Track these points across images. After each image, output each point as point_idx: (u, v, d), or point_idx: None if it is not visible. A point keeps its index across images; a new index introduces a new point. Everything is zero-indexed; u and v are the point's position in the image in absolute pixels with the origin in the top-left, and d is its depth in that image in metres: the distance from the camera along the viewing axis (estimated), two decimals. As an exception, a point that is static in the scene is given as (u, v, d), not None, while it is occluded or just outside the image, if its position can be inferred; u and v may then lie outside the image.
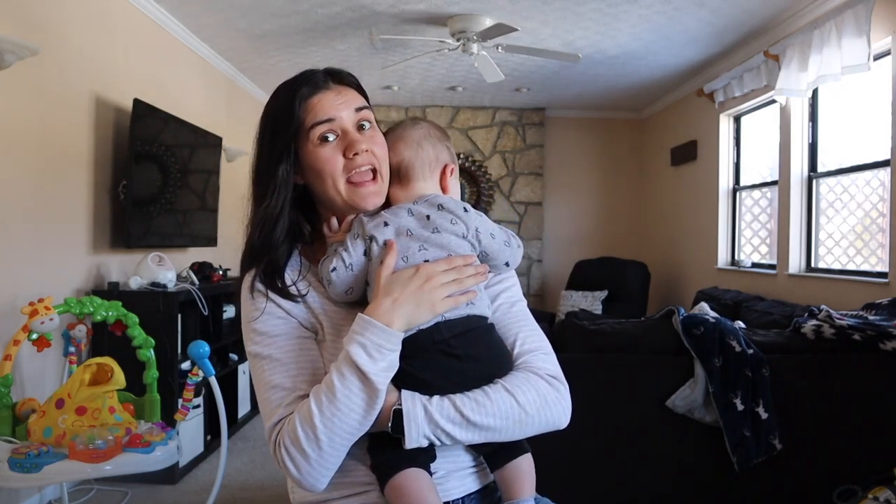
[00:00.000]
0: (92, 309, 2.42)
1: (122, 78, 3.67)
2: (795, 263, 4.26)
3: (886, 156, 3.45)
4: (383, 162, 1.10)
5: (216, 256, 4.65)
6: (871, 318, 2.54)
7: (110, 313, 2.49)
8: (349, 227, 1.10)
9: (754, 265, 4.98)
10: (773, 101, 4.53)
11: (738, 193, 5.31)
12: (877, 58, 3.47)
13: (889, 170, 3.42)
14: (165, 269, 3.45)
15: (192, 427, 3.42)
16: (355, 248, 1.06)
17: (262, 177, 1.10)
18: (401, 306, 0.98)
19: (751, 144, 5.20)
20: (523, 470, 1.06)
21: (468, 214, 1.09)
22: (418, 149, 1.13)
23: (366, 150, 1.07)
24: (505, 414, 0.99)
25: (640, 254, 6.87)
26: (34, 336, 2.28)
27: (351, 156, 1.07)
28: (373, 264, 1.05)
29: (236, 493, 3.15)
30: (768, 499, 2.39)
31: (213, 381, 2.50)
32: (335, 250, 1.07)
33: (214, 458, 3.63)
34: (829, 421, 2.40)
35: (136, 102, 3.50)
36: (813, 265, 4.21)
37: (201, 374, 2.45)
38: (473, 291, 1.04)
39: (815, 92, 4.15)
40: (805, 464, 2.39)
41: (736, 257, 5.33)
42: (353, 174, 1.07)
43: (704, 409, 2.35)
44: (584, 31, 4.41)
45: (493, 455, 1.06)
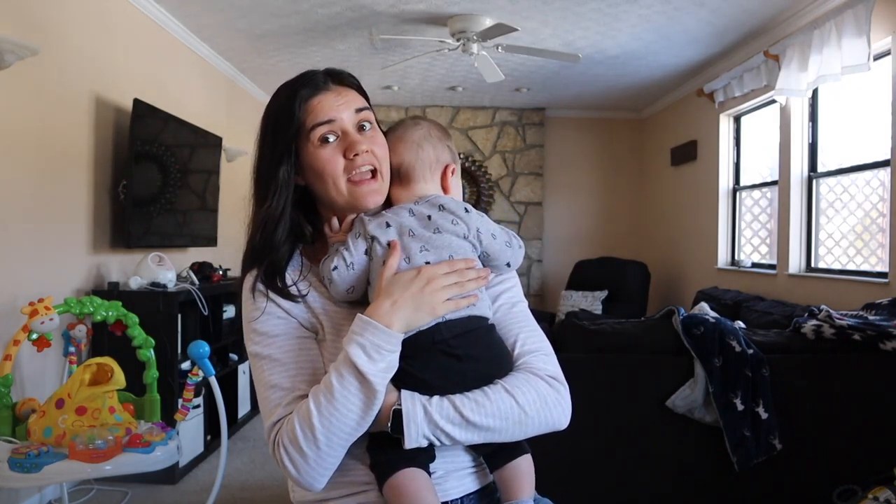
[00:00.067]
0: (92, 309, 2.42)
1: (122, 78, 3.67)
2: (795, 263, 4.26)
3: (886, 156, 3.45)
4: (384, 162, 1.10)
5: (216, 256, 4.65)
6: (871, 318, 2.54)
7: (110, 313, 2.49)
8: (350, 227, 1.10)
9: (754, 265, 4.98)
10: (773, 101, 4.52)
11: (738, 193, 5.31)
12: (877, 58, 3.47)
13: (889, 170, 3.42)
14: (165, 269, 3.45)
15: (192, 427, 3.42)
16: (357, 248, 1.06)
17: (263, 178, 1.10)
18: (401, 308, 0.98)
19: (751, 144, 5.20)
20: (523, 470, 1.05)
21: (469, 215, 1.09)
22: (418, 150, 1.13)
23: (366, 151, 1.07)
24: (504, 415, 0.99)
25: (640, 254, 6.87)
26: (34, 336, 2.28)
27: (351, 156, 1.07)
28: (374, 264, 1.05)
29: (236, 493, 3.15)
30: (768, 499, 2.39)
31: (213, 381, 2.50)
32: (336, 250, 1.08)
33: (214, 458, 3.63)
34: (829, 421, 2.40)
35: (136, 102, 3.50)
36: (813, 265, 4.21)
37: (201, 374, 2.45)
38: (475, 295, 1.04)
39: (815, 92, 4.15)
40: (805, 464, 2.39)
41: (736, 257, 5.33)
42: (354, 174, 1.07)
43: (704, 409, 2.35)
44: (584, 31, 4.41)
45: (492, 455, 1.06)
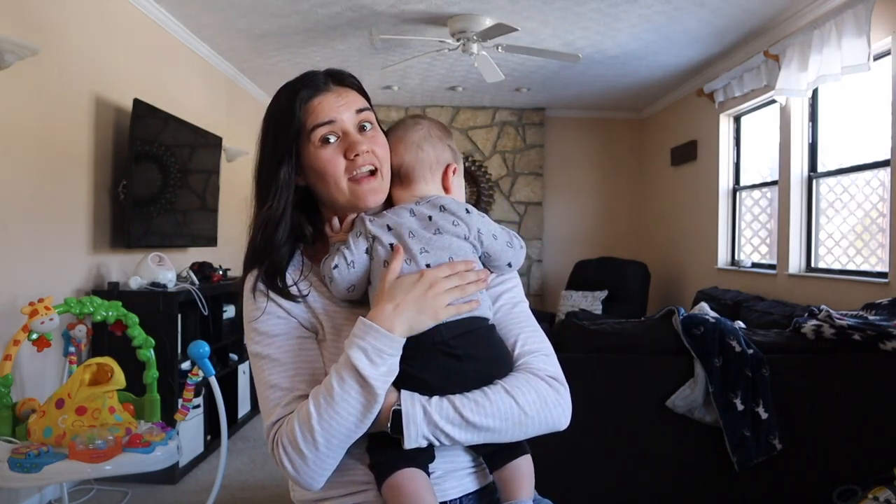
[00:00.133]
0: (92, 309, 2.42)
1: (122, 78, 3.67)
2: (795, 263, 4.26)
3: (886, 156, 3.45)
4: (384, 162, 1.11)
5: (216, 256, 4.65)
6: (871, 318, 2.54)
7: (110, 313, 2.49)
8: (350, 227, 1.10)
9: (754, 265, 4.98)
10: (773, 101, 4.52)
11: (738, 193, 5.31)
12: (877, 58, 3.47)
13: (889, 170, 3.42)
14: (165, 269, 3.45)
15: (192, 427, 3.42)
16: (357, 247, 1.06)
17: (264, 179, 1.11)
18: (403, 312, 0.98)
19: (751, 144, 5.19)
20: (522, 470, 1.05)
21: (470, 216, 1.09)
22: (418, 151, 1.13)
23: (366, 151, 1.08)
24: (504, 415, 0.99)
25: (640, 254, 6.87)
26: (34, 336, 2.28)
27: (352, 157, 1.07)
28: (375, 263, 1.05)
29: (236, 493, 3.15)
30: (768, 499, 2.39)
31: (213, 381, 2.50)
32: (338, 249, 1.08)
33: (214, 458, 3.63)
34: (829, 421, 2.40)
35: (136, 102, 3.50)
36: (813, 265, 4.20)
37: (201, 374, 2.45)
38: (476, 300, 1.04)
39: (815, 92, 4.15)
40: (805, 464, 2.39)
41: (736, 257, 5.33)
42: (355, 174, 1.08)
43: (704, 409, 2.35)
44: (584, 31, 4.41)
45: (492, 456, 1.06)
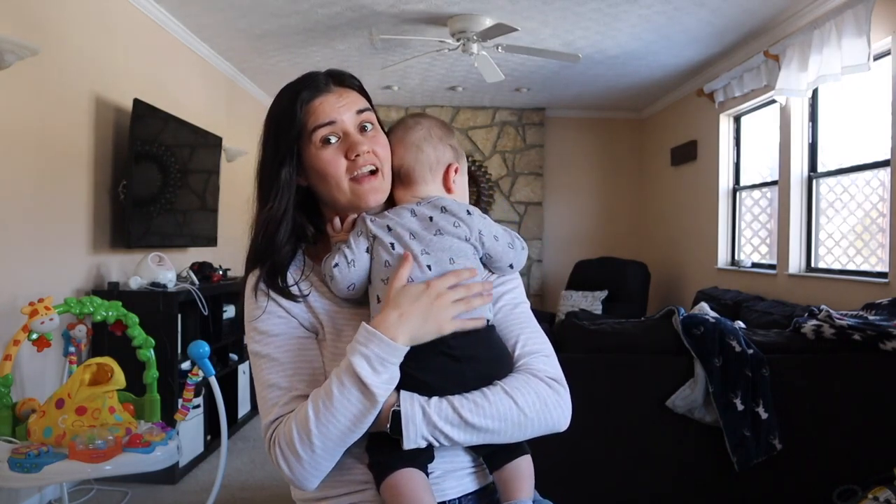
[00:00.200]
0: (92, 309, 2.42)
1: (122, 78, 3.67)
2: (795, 263, 4.26)
3: (886, 156, 3.45)
4: (385, 162, 1.11)
5: (216, 256, 4.65)
6: (871, 318, 2.54)
7: (110, 313, 2.49)
8: (352, 227, 1.10)
9: (754, 265, 4.98)
10: (773, 101, 4.52)
11: (738, 193, 5.31)
12: (877, 58, 3.47)
13: (889, 170, 3.42)
14: (165, 269, 3.45)
15: (192, 427, 3.42)
16: (358, 246, 1.06)
17: (266, 179, 1.11)
18: (407, 322, 0.98)
19: (751, 144, 5.19)
20: (522, 471, 1.05)
21: (471, 217, 1.09)
22: (418, 152, 1.13)
23: (367, 151, 1.08)
24: (503, 416, 0.99)
25: (640, 254, 6.86)
26: (34, 336, 2.28)
27: (353, 157, 1.07)
28: (375, 263, 1.05)
29: (236, 493, 3.15)
30: (768, 499, 2.39)
31: (213, 381, 2.50)
32: (339, 248, 1.08)
33: (214, 458, 3.63)
34: (829, 421, 2.40)
35: (136, 102, 3.50)
36: (813, 265, 4.20)
37: (201, 374, 2.45)
38: (482, 318, 1.04)
39: (815, 92, 4.15)
40: (805, 464, 2.39)
41: (736, 257, 5.33)
42: (356, 174, 1.08)
43: (704, 409, 2.35)
44: (584, 31, 4.41)
45: (492, 456, 1.06)
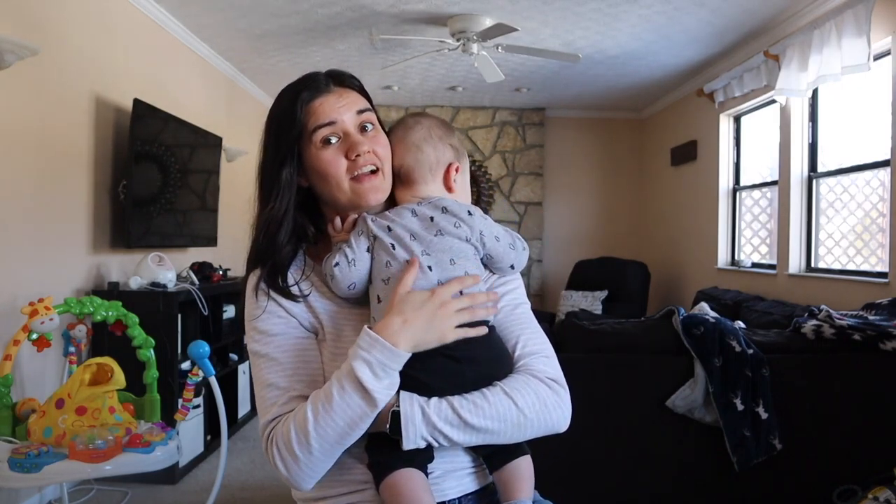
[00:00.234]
0: (92, 309, 2.42)
1: (122, 78, 3.67)
2: (795, 263, 4.26)
3: (886, 156, 3.45)
4: (386, 161, 1.11)
5: (216, 256, 4.65)
6: (871, 318, 2.54)
7: (110, 313, 2.49)
8: (352, 226, 1.10)
9: (754, 265, 4.98)
10: (773, 101, 4.52)
11: (738, 193, 5.31)
12: (877, 58, 3.47)
13: (889, 170, 3.42)
14: (165, 269, 3.45)
15: (192, 427, 3.42)
16: (359, 245, 1.06)
17: (267, 180, 1.11)
18: (410, 329, 0.98)
19: (751, 144, 5.19)
20: (522, 471, 1.06)
21: (473, 218, 1.09)
22: (418, 152, 1.13)
23: (367, 151, 1.08)
24: (503, 417, 1.00)
25: (640, 254, 6.86)
26: (34, 336, 2.28)
27: (353, 157, 1.07)
28: (376, 262, 1.06)
29: (236, 493, 3.15)
30: (768, 499, 2.39)
31: (213, 381, 2.50)
32: (339, 248, 1.08)
33: (214, 458, 3.63)
34: (829, 421, 2.40)
35: (136, 102, 3.50)
36: (813, 265, 4.20)
37: (201, 374, 2.45)
38: (484, 328, 1.04)
39: (815, 92, 4.15)
40: (805, 464, 2.39)
41: (736, 257, 5.33)
42: (356, 173, 1.08)
43: (704, 409, 2.35)
44: (584, 31, 4.41)
45: (491, 456, 1.06)
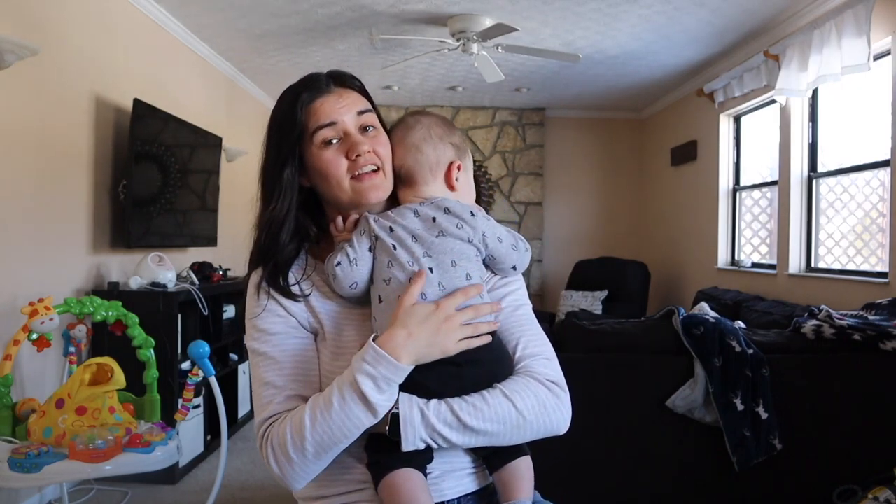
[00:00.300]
0: (92, 309, 2.42)
1: (122, 78, 3.67)
2: (795, 263, 4.26)
3: (886, 156, 3.45)
4: (387, 161, 1.11)
5: (216, 256, 4.65)
6: (871, 318, 2.54)
7: (110, 313, 2.49)
8: (354, 226, 1.11)
9: (754, 265, 4.98)
10: (773, 101, 4.52)
11: (738, 193, 5.31)
12: (877, 58, 3.47)
13: (889, 170, 3.42)
14: (165, 269, 3.45)
15: (192, 427, 3.42)
16: (361, 245, 1.06)
17: (269, 180, 1.12)
18: (414, 343, 0.98)
19: (751, 144, 5.19)
20: (521, 472, 1.06)
21: (475, 219, 1.09)
22: (417, 152, 1.12)
23: (368, 151, 1.08)
24: (502, 419, 1.00)
25: (640, 254, 6.86)
26: (34, 336, 2.28)
27: (353, 157, 1.08)
28: (378, 262, 1.06)
29: (236, 493, 3.15)
30: (768, 499, 2.39)
31: (213, 381, 2.50)
32: (342, 247, 1.08)
33: (214, 458, 3.63)
34: (829, 421, 2.40)
35: (136, 102, 3.50)
36: (813, 265, 4.20)
37: (201, 374, 2.45)
38: (487, 337, 1.04)
39: (815, 92, 4.15)
40: (805, 464, 2.39)
41: (736, 257, 5.33)
42: (357, 173, 1.08)
43: (704, 409, 2.35)
44: (584, 31, 4.41)
45: (491, 457, 1.06)
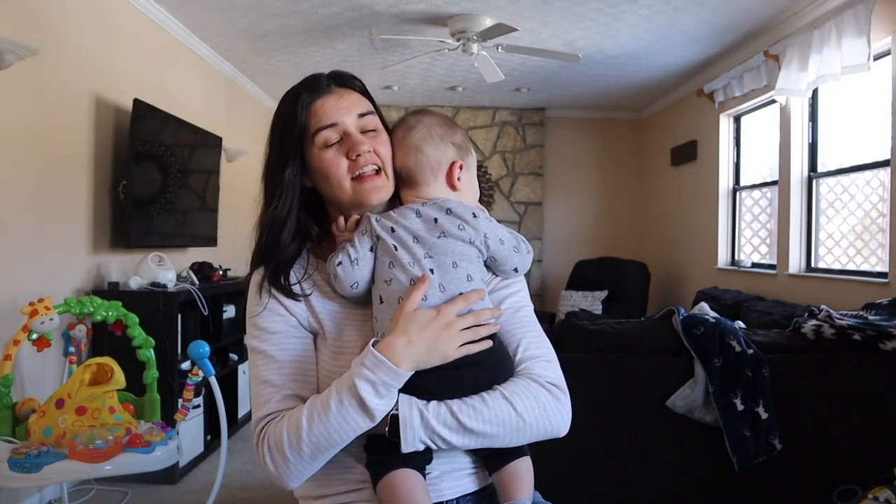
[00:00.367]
0: (92, 309, 2.42)
1: (122, 78, 3.67)
2: (795, 263, 4.26)
3: (886, 156, 3.45)
4: (388, 161, 1.11)
5: (216, 256, 4.65)
6: (871, 318, 2.54)
7: (110, 313, 2.49)
8: (356, 226, 1.11)
9: (754, 265, 4.98)
10: (773, 101, 4.52)
11: (738, 193, 5.31)
12: (877, 58, 3.47)
13: (889, 170, 3.42)
14: (165, 269, 3.45)
15: (192, 427, 3.42)
16: (362, 245, 1.07)
17: (271, 180, 1.13)
18: (414, 349, 0.98)
19: (751, 144, 5.19)
20: (521, 472, 1.06)
21: (477, 220, 1.08)
22: (418, 154, 1.12)
23: (368, 151, 1.09)
24: (502, 421, 1.00)
25: (640, 254, 6.86)
26: (34, 336, 2.28)
27: (354, 157, 1.08)
28: (379, 262, 1.06)
29: (236, 493, 3.15)
30: (768, 499, 2.39)
31: (213, 381, 2.50)
32: (343, 247, 1.09)
33: (214, 458, 3.63)
34: (829, 421, 2.40)
35: (136, 102, 3.50)
36: (813, 265, 4.20)
37: (201, 374, 2.45)
38: (488, 342, 1.04)
39: (815, 92, 4.15)
40: (805, 464, 2.39)
41: (736, 257, 5.33)
42: (358, 173, 1.09)
43: (704, 409, 2.35)
44: (584, 31, 4.41)
45: (491, 457, 1.06)
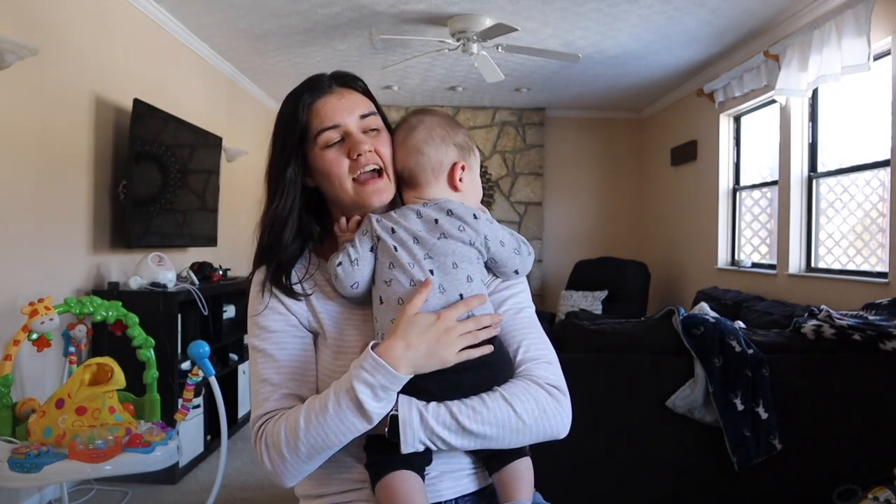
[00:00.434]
0: (92, 309, 2.42)
1: (122, 78, 3.67)
2: (795, 263, 4.26)
3: (886, 156, 3.45)
4: (389, 162, 1.12)
5: (216, 256, 4.65)
6: (871, 318, 2.54)
7: (110, 313, 2.49)
8: (357, 226, 1.11)
9: (754, 265, 4.98)
10: (773, 101, 4.52)
11: (738, 193, 5.31)
12: (877, 58, 3.47)
13: (889, 170, 3.42)
14: (165, 269, 3.45)
15: (192, 427, 3.42)
16: (362, 245, 1.07)
17: (273, 180, 1.14)
18: (412, 354, 0.98)
19: (751, 144, 5.19)
20: (521, 473, 1.06)
21: (478, 221, 1.08)
22: (419, 155, 1.11)
23: (369, 151, 1.09)
24: (501, 423, 1.00)
25: (640, 254, 6.87)
26: (34, 336, 2.28)
27: (355, 157, 1.08)
28: (379, 263, 1.06)
29: (236, 493, 3.15)
30: (768, 499, 2.39)
31: (213, 381, 2.50)
32: (344, 247, 1.09)
33: (214, 458, 3.63)
34: (829, 421, 2.40)
35: (136, 102, 3.50)
36: (813, 265, 4.20)
37: (201, 374, 2.45)
38: (489, 347, 1.03)
39: (815, 92, 4.15)
40: (805, 464, 2.39)
41: (736, 257, 5.33)
42: (359, 174, 1.09)
43: (704, 409, 2.35)
44: (584, 31, 4.41)
45: (491, 458, 1.06)
